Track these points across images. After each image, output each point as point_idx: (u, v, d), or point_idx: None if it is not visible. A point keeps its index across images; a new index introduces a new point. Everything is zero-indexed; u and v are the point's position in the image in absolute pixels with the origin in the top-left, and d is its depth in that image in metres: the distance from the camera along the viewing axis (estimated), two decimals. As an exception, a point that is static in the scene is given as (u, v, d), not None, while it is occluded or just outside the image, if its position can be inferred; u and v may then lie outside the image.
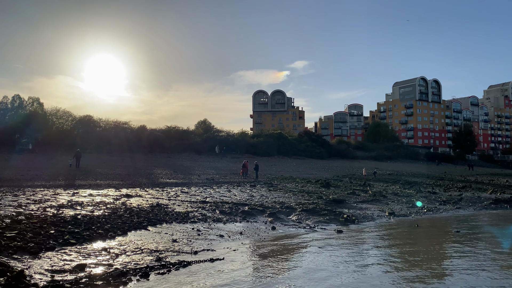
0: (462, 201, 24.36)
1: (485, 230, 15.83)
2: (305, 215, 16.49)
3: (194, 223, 13.44)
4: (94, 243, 9.91)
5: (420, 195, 25.88)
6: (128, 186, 22.15)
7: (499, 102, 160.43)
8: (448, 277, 8.73)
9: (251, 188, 24.16)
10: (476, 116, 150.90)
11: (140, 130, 58.69)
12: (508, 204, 23.79)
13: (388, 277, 8.65)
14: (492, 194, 28.94)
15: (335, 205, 19.38)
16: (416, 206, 21.49)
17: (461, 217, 19.04)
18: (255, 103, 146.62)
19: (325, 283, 8.05)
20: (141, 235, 11.19)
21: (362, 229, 14.98)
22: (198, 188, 22.85)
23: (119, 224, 11.92)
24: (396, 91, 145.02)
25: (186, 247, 10.43)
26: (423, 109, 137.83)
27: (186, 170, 36.05)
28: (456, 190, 30.49)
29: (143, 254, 9.42)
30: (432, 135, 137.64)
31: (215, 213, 15.54)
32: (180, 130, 64.01)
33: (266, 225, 14.52)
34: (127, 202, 15.88)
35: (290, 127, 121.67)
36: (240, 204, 17.72)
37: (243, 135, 67.86)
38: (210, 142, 59.52)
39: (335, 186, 28.19)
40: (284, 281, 8.14)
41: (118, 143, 51.24)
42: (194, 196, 19.24)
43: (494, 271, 9.23)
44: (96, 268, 8.06)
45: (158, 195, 18.97)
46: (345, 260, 10.04)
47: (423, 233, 14.33)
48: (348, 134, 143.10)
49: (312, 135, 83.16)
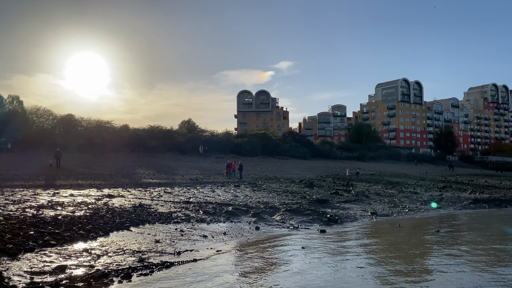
0: (442, 201, 24.80)
1: (464, 229, 16.16)
2: (288, 215, 16.55)
3: (177, 224, 13.35)
4: (75, 244, 9.76)
5: (402, 195, 26.25)
6: (110, 186, 21.87)
7: (478, 104, 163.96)
8: (429, 277, 8.87)
9: (235, 188, 24.13)
10: (456, 117, 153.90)
11: (123, 130, 57.98)
12: (487, 204, 24.32)
13: (370, 277, 8.74)
14: (472, 194, 29.55)
15: (318, 205, 19.51)
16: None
17: (441, 217, 19.38)
18: (240, 103, 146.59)
19: (308, 283, 8.09)
20: (123, 236, 11.06)
21: (345, 229, 15.10)
22: (182, 188, 22.71)
23: (101, 224, 11.76)
24: (379, 93, 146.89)
25: (169, 248, 10.35)
26: (405, 110, 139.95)
27: (169, 170, 35.78)
28: (437, 190, 31.03)
29: (125, 255, 9.31)
30: (414, 136, 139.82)
31: (199, 213, 15.47)
32: (163, 129, 63.49)
33: (250, 225, 14.53)
34: (109, 203, 15.68)
35: (275, 127, 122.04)
36: (224, 204, 17.68)
37: (228, 135, 67.67)
38: (194, 142, 59.19)
39: (319, 186, 28.38)
40: (267, 282, 8.15)
41: (100, 143, 50.52)
42: (178, 197, 19.12)
43: (473, 270, 9.42)
44: (77, 270, 7.93)
45: (141, 195, 18.78)
46: (327, 260, 10.11)
47: (405, 233, 14.53)
48: (331, 134, 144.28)
49: (296, 135, 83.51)
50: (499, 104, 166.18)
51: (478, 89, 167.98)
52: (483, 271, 9.29)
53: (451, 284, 8.19)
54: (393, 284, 8.22)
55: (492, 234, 15.09)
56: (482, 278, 8.67)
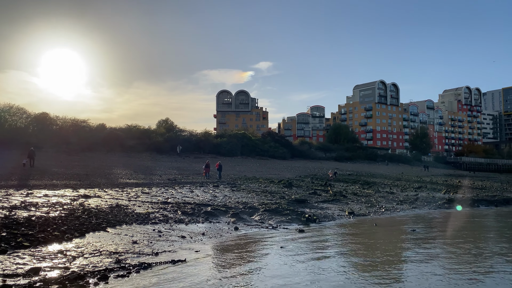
0: (418, 201, 25.31)
1: (439, 229, 16.55)
2: (267, 215, 16.60)
3: (155, 224, 13.21)
4: (50, 245, 9.54)
5: (378, 195, 26.67)
6: (86, 186, 21.46)
7: (452, 106, 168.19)
8: (404, 275, 9.06)
9: (214, 188, 24.04)
10: (431, 119, 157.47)
11: (99, 129, 56.99)
12: (460, 204, 24.95)
13: (346, 276, 8.86)
14: (446, 194, 30.27)
15: (297, 205, 19.63)
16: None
17: (417, 217, 19.78)
18: (219, 103, 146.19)
19: (286, 282, 8.13)
20: (99, 237, 10.87)
21: (323, 229, 15.25)
22: (160, 188, 22.48)
23: (76, 225, 11.53)
24: (357, 94, 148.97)
25: (147, 249, 10.23)
26: (382, 112, 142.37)
27: (147, 170, 35.36)
28: (412, 190, 31.66)
29: (102, 256, 9.16)
30: (390, 137, 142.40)
31: (177, 214, 15.34)
32: (141, 129, 62.70)
33: (229, 225, 14.50)
34: (85, 203, 15.39)
35: (254, 128, 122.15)
36: (203, 204, 17.59)
37: (207, 135, 67.32)
38: (172, 141, 58.65)
39: (297, 186, 28.56)
40: (245, 281, 8.16)
41: (76, 142, 49.51)
42: (155, 197, 18.92)
43: (446, 268, 9.68)
44: (52, 272, 7.75)
45: (118, 195, 18.50)
46: (305, 259, 10.19)
47: (381, 232, 14.77)
48: (310, 135, 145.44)
49: (276, 135, 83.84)
50: (472, 107, 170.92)
51: (453, 91, 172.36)
52: (455, 269, 9.56)
53: (425, 282, 8.38)
54: (370, 282, 8.35)
55: (465, 233, 15.52)
56: (455, 276, 8.92)
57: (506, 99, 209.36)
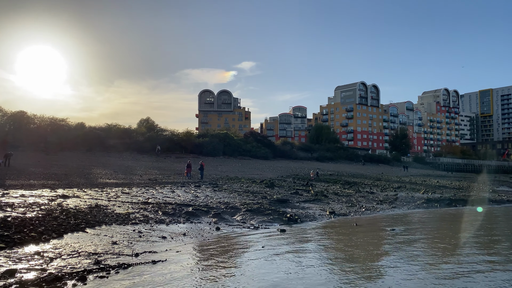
0: (397, 201, 25.71)
1: (418, 228, 16.85)
2: (249, 215, 16.60)
3: (135, 225, 13.06)
4: (26, 247, 9.33)
5: (359, 195, 26.98)
6: (65, 186, 21.06)
7: (431, 107, 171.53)
8: (384, 273, 9.18)
9: (195, 188, 23.91)
10: (411, 120, 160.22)
11: (79, 128, 55.98)
12: (438, 203, 25.47)
13: (328, 275, 8.93)
14: (424, 194, 30.84)
15: (279, 205, 19.69)
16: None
17: (396, 216, 20.09)
18: (201, 102, 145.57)
19: (267, 282, 8.15)
20: (78, 238, 10.69)
21: (304, 228, 15.34)
22: (140, 188, 22.24)
23: (54, 226, 11.30)
24: (338, 95, 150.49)
25: (126, 249, 10.11)
26: (362, 113, 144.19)
27: (127, 170, 34.93)
28: (392, 190, 32.14)
29: (81, 257, 9.00)
30: (371, 138, 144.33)
31: (158, 214, 15.20)
32: (121, 128, 61.85)
33: (210, 225, 14.44)
34: (64, 203, 15.10)
35: (236, 128, 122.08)
36: (184, 205, 17.47)
37: (188, 135, 66.75)
38: (153, 141, 58.00)
39: (279, 186, 28.65)
40: (226, 281, 8.14)
41: (54, 141, 48.53)
42: (136, 197, 18.71)
43: (425, 266, 9.86)
44: (28, 273, 7.58)
45: (97, 195, 18.22)
46: (287, 258, 10.23)
47: (361, 232, 14.95)
48: (292, 135, 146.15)
49: (258, 135, 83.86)
50: (450, 108, 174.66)
51: (431, 93, 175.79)
52: (434, 267, 9.75)
53: (404, 280, 8.52)
54: (350, 281, 8.44)
55: (443, 232, 15.84)
56: (433, 274, 9.10)
57: (483, 101, 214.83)
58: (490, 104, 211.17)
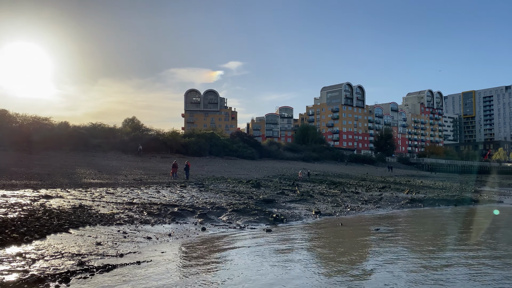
0: (382, 201, 25.99)
1: (402, 228, 17.06)
2: (235, 215, 16.59)
3: (120, 225, 12.93)
4: (8, 248, 9.15)
5: (344, 195, 27.19)
6: (48, 186, 20.73)
7: (416, 108, 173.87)
8: (368, 272, 9.28)
9: (181, 188, 23.79)
10: (395, 121, 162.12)
11: (62, 127, 55.12)
12: (422, 203, 25.82)
13: (313, 274, 8.99)
14: (408, 194, 31.23)
15: (265, 205, 19.72)
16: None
17: (381, 216, 20.31)
18: (187, 102, 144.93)
19: (252, 282, 8.16)
20: (61, 239, 10.53)
21: (290, 228, 15.40)
22: (125, 188, 22.02)
23: (37, 227, 11.10)
24: (324, 96, 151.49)
25: (111, 250, 10.00)
26: (348, 113, 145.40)
27: (112, 170, 34.56)
28: (376, 190, 32.47)
29: (64, 259, 8.88)
30: (356, 138, 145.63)
31: (143, 214, 15.08)
32: (106, 127, 61.12)
33: (196, 226, 14.39)
34: (47, 204, 14.85)
35: (223, 128, 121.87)
36: (170, 205, 17.36)
37: (174, 135, 66.30)
38: (139, 141, 57.47)
39: (266, 186, 28.69)
40: (211, 282, 8.13)
41: (37, 141, 47.71)
42: (121, 197, 18.52)
43: (409, 266, 9.99)
44: (10, 275, 7.45)
45: (81, 196, 17.98)
46: (272, 258, 10.26)
47: (346, 232, 15.07)
48: (278, 135, 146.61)
49: (244, 135, 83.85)
50: (434, 109, 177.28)
51: (416, 94, 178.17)
52: (417, 266, 9.89)
53: (389, 278, 8.62)
54: (336, 280, 8.50)
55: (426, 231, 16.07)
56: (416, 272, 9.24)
57: (466, 103, 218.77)
58: (472, 105, 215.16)
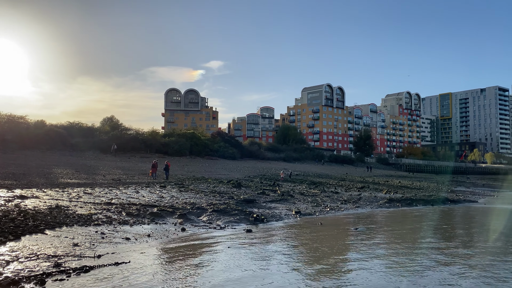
0: (361, 201, 26.32)
1: (380, 227, 17.32)
2: (216, 216, 16.53)
3: (98, 226, 12.73)
4: (-20, 250, 8.89)
5: (324, 195, 27.43)
6: (23, 186, 20.23)
7: (394, 110, 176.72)
8: (347, 271, 9.39)
9: (161, 189, 23.57)
10: (374, 122, 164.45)
11: (39, 126, 53.89)
12: (400, 203, 26.27)
13: (292, 274, 9.03)
14: (387, 194, 31.72)
15: (245, 205, 19.72)
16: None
17: (360, 216, 20.56)
18: (168, 101, 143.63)
19: (231, 282, 8.14)
20: (37, 240, 10.29)
21: (270, 228, 15.44)
22: (103, 189, 21.68)
23: (11, 228, 10.83)
24: (305, 96, 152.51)
25: (88, 251, 9.83)
26: (328, 114, 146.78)
27: (90, 169, 33.97)
28: (356, 190, 32.86)
29: (39, 260, 8.68)
30: (336, 139, 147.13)
31: (121, 215, 14.87)
32: (84, 126, 60.12)
33: (176, 226, 14.28)
34: (22, 204, 14.50)
35: (204, 127, 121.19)
36: (149, 205, 17.18)
37: (154, 134, 65.63)
38: (118, 140, 56.68)
39: (246, 186, 28.69)
40: (190, 281, 8.08)
41: (12, 139, 46.51)
42: (99, 198, 18.23)
43: (387, 263, 10.15)
44: (-18, 278, 7.23)
45: (58, 196, 17.62)
46: (252, 258, 10.27)
47: (326, 231, 15.20)
48: (260, 135, 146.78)
49: (225, 135, 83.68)
50: (412, 111, 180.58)
51: (394, 96, 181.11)
52: (395, 263, 10.05)
53: (367, 276, 8.74)
54: (315, 279, 8.56)
55: (404, 231, 16.35)
56: (394, 269, 9.39)
57: (443, 105, 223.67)
58: (449, 107, 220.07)
